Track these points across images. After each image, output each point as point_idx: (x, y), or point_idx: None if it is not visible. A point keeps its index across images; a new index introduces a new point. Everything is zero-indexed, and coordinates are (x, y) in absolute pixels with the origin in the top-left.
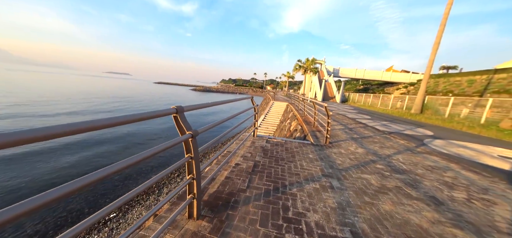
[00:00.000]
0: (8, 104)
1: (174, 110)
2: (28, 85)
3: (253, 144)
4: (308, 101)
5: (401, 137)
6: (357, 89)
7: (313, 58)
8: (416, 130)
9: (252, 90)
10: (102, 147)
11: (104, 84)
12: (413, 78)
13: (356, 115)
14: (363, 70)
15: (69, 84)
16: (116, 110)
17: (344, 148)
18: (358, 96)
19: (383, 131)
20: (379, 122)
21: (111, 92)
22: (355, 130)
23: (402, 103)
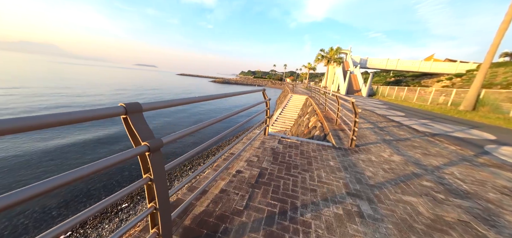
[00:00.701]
0: (65, 95)
1: (122, 110)
2: (77, 77)
3: (262, 144)
4: (330, 95)
5: (451, 141)
6: (387, 82)
7: (338, 47)
8: (470, 132)
9: (271, 82)
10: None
11: (135, 75)
12: (461, 68)
13: (386, 111)
14: (396, 60)
15: (108, 76)
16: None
17: (375, 154)
18: (388, 89)
19: (424, 132)
20: (416, 121)
21: (140, 83)
22: (387, 129)
23: (447, 97)
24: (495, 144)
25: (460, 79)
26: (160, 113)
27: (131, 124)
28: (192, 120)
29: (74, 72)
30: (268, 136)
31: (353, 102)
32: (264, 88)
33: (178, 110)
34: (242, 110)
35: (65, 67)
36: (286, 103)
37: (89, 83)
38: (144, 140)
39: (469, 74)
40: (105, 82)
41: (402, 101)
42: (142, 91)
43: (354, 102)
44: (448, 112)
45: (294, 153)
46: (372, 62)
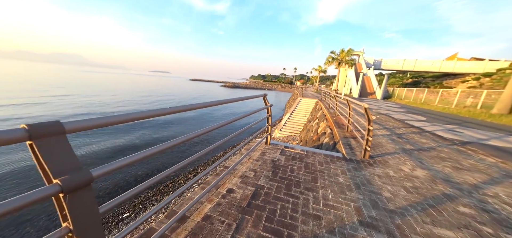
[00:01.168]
0: (93, 103)
1: (23, 134)
2: (102, 84)
3: (262, 156)
4: (341, 98)
5: (488, 152)
6: (404, 83)
7: (350, 49)
8: (509, 140)
9: (281, 86)
10: None
11: (150, 82)
12: (490, 67)
13: (404, 116)
14: (413, 60)
15: (127, 82)
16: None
17: (394, 167)
18: (405, 91)
19: (452, 140)
20: (441, 126)
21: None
22: (407, 137)
23: (475, 99)
24: None
25: (489, 79)
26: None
27: (38, 154)
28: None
29: (100, 79)
30: (270, 145)
31: (367, 107)
32: (265, 93)
33: (171, 119)
34: (238, 118)
35: (89, 75)
36: (295, 107)
37: (111, 90)
38: (58, 175)
39: (501, 73)
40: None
41: (422, 104)
42: (164, 97)
43: (367, 108)
44: (478, 116)
45: (298, 166)
46: (387, 63)
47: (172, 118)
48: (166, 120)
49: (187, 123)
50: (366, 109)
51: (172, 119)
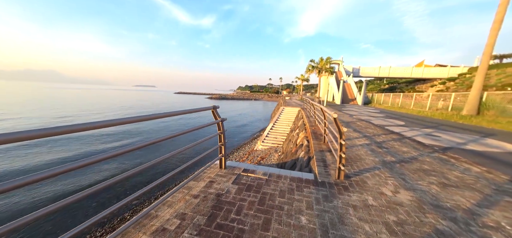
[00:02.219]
0: (56, 117)
1: None
2: (72, 101)
3: (208, 186)
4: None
5: (470, 159)
6: (382, 89)
7: (328, 58)
8: (486, 143)
9: (268, 96)
10: None
11: (132, 96)
12: (452, 73)
13: (384, 121)
14: (388, 68)
15: (103, 98)
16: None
17: (373, 191)
18: (383, 96)
19: (432, 146)
20: (419, 130)
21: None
22: (387, 145)
23: (446, 102)
24: None
25: (453, 83)
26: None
27: None
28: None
29: (73, 96)
30: (225, 170)
31: (336, 117)
32: (215, 106)
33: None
34: (176, 135)
35: (64, 93)
36: (278, 117)
37: (75, 106)
38: None
39: (462, 78)
40: (100, 105)
41: (399, 108)
42: (123, 110)
43: (336, 118)
44: (450, 118)
45: (250, 201)
46: (365, 70)
47: (115, 132)
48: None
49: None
50: (336, 119)
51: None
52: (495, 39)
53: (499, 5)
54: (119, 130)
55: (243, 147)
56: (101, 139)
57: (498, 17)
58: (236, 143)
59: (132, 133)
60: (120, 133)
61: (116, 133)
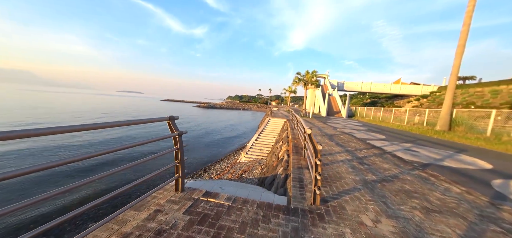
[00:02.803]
0: (27, 122)
1: None
2: (45, 105)
3: (152, 217)
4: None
5: (448, 177)
6: (364, 103)
7: (314, 71)
8: (460, 159)
9: (257, 106)
10: None
11: (113, 102)
12: (425, 90)
13: (366, 134)
14: (369, 83)
15: (80, 103)
16: None
17: (352, 221)
18: (366, 110)
19: (412, 163)
20: (399, 145)
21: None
22: (368, 161)
23: (421, 117)
24: (499, 178)
25: (426, 100)
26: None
27: None
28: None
29: (48, 99)
30: (181, 193)
31: (310, 134)
32: (173, 117)
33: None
34: (123, 147)
35: (38, 96)
36: (264, 128)
37: (55, 110)
38: None
39: (433, 95)
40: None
41: (380, 122)
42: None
43: (311, 134)
44: (426, 133)
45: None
46: (349, 85)
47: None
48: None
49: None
50: (310, 136)
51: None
52: (460, 61)
53: (461, 32)
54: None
55: (227, 159)
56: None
57: (461, 42)
58: (220, 155)
59: (93, 143)
60: (72, 141)
61: (60, 141)
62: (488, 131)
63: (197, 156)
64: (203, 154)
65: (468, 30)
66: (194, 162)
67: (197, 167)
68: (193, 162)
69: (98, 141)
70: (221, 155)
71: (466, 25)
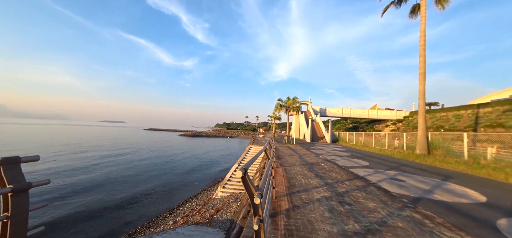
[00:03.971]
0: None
1: None
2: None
3: None
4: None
5: (446, 218)
6: (347, 128)
7: (295, 97)
8: (450, 189)
9: (244, 133)
10: None
11: (87, 133)
12: (399, 115)
13: (349, 161)
14: (349, 109)
15: (51, 135)
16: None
17: None
18: (348, 135)
19: (400, 198)
20: (383, 173)
21: (82, 140)
22: (350, 198)
23: (400, 141)
24: (501, 216)
25: (401, 124)
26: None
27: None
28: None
29: (16, 132)
30: None
31: (243, 176)
32: (7, 160)
33: None
34: None
35: (7, 128)
36: (244, 157)
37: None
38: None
39: (407, 120)
40: (43, 142)
41: (363, 146)
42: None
43: (245, 176)
44: (408, 157)
45: None
46: (331, 110)
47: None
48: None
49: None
50: (244, 178)
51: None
52: (424, 87)
53: (419, 62)
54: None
55: (201, 194)
56: None
57: (421, 70)
58: (195, 190)
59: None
60: None
61: None
62: (465, 154)
63: (167, 192)
64: (172, 191)
65: (424, 60)
66: (160, 201)
67: (160, 210)
68: (158, 201)
69: None
70: (197, 190)
71: (422, 56)
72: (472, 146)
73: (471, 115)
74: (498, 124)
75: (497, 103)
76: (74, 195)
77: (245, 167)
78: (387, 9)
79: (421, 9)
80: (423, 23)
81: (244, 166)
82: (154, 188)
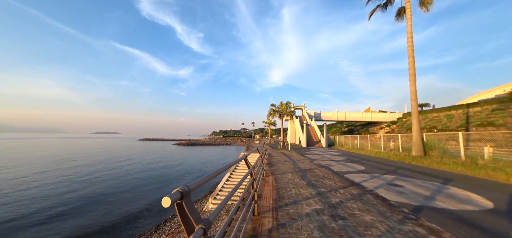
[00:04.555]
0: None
1: None
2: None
3: None
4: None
5: (455, 232)
6: (343, 131)
7: (288, 102)
8: (452, 194)
9: (241, 140)
10: None
11: (77, 145)
12: (392, 117)
13: (344, 165)
14: (343, 112)
15: (41, 148)
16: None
17: None
18: (344, 138)
19: (400, 207)
20: (380, 177)
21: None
22: (345, 211)
23: (395, 142)
24: (508, 223)
25: (396, 126)
26: None
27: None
28: None
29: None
30: None
31: (182, 191)
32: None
33: None
34: None
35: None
36: (237, 165)
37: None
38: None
39: (401, 121)
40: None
41: (359, 150)
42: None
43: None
44: (404, 159)
45: None
46: (326, 114)
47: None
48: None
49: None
50: (179, 207)
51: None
52: (415, 87)
53: (409, 63)
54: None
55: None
56: None
57: (411, 71)
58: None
59: None
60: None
61: None
62: (462, 155)
63: (153, 207)
64: (160, 206)
65: (413, 61)
66: (147, 216)
67: (146, 226)
68: (144, 217)
69: None
70: None
71: (410, 56)
72: (466, 146)
73: (462, 115)
74: (488, 123)
75: (486, 102)
76: (48, 220)
77: (188, 187)
78: (374, 12)
79: (406, 11)
80: (410, 25)
81: (188, 185)
82: (138, 203)
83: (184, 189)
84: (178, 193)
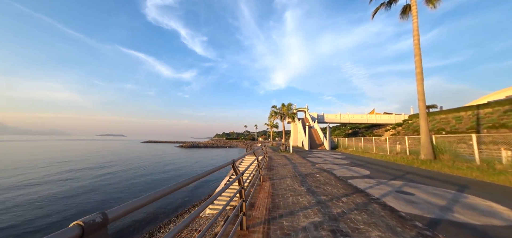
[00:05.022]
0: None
1: None
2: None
3: None
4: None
5: None
6: (347, 134)
7: (289, 103)
8: (471, 205)
9: (243, 143)
10: None
11: (82, 147)
12: (398, 119)
13: (348, 170)
14: (347, 114)
15: (45, 150)
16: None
17: None
18: (348, 141)
19: (412, 219)
20: (387, 183)
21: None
22: (347, 224)
23: (402, 145)
24: None
25: (401, 128)
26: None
27: None
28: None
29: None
30: None
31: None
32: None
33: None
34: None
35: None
36: (241, 161)
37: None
38: None
39: (407, 123)
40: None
41: (363, 152)
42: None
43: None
44: (412, 163)
45: None
46: (329, 117)
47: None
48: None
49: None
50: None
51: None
52: (422, 87)
53: (415, 61)
54: None
55: (188, 212)
56: None
57: (418, 70)
58: (183, 207)
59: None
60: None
61: None
62: (476, 158)
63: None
64: (156, 210)
65: (420, 59)
66: (141, 222)
67: (140, 231)
68: (139, 222)
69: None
70: (184, 208)
71: (417, 55)
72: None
73: (472, 117)
74: (500, 125)
75: (497, 103)
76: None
77: (103, 215)
78: (378, 10)
79: (412, 8)
80: (415, 22)
81: (103, 213)
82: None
83: (93, 220)
84: (77, 228)
